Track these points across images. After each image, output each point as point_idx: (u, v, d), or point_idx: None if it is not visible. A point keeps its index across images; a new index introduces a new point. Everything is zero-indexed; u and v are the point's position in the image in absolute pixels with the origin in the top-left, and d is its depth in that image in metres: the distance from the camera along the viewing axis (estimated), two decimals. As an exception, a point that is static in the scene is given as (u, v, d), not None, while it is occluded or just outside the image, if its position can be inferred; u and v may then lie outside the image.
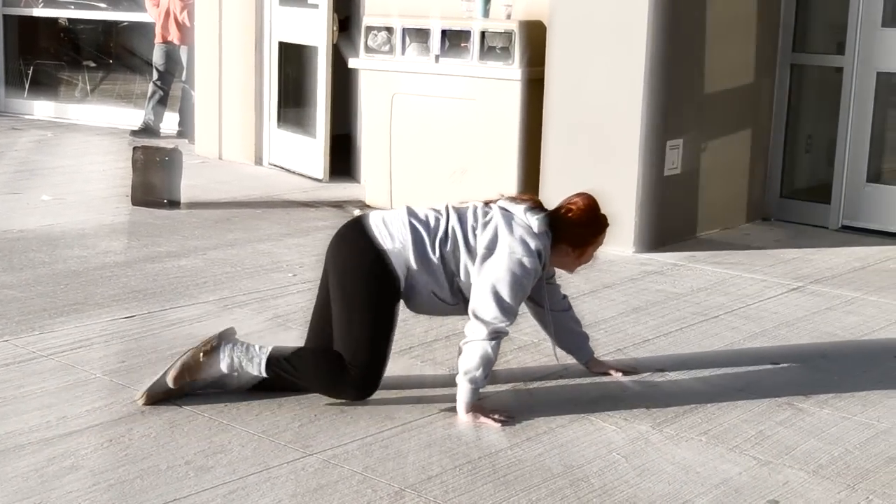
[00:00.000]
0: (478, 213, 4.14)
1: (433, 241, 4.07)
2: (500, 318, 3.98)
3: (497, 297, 3.98)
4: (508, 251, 4.02)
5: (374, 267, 4.05)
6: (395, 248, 4.05)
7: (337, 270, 4.14)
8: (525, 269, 4.02)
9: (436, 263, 4.07)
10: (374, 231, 4.08)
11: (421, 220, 4.12)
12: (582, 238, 4.21)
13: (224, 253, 6.38)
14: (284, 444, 3.77)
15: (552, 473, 3.60)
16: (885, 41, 7.19)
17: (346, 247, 4.15)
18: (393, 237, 4.06)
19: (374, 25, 7.59)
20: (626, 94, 6.53)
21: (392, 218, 4.14)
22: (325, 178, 8.66)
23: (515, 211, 4.13)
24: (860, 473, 3.65)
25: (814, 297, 5.75)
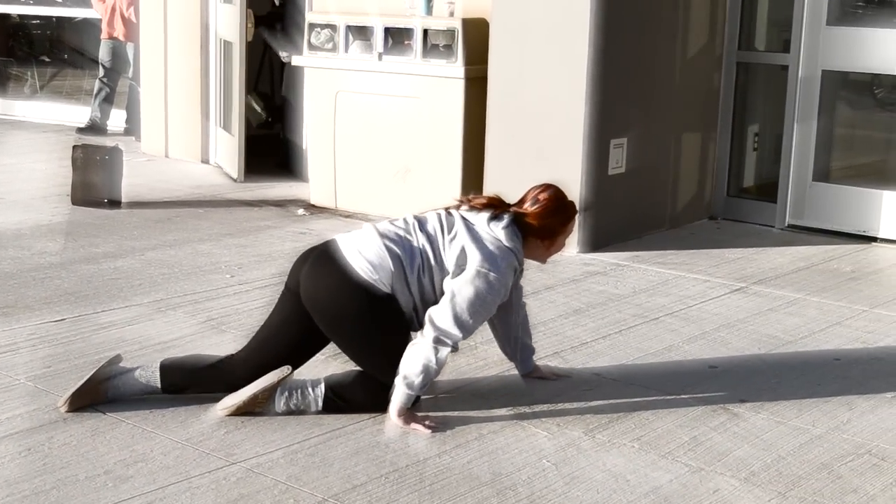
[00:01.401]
0: (444, 228, 4.05)
1: (411, 264, 3.99)
2: (453, 330, 3.92)
3: (456, 310, 3.92)
4: (476, 268, 3.94)
5: (364, 300, 3.95)
6: (379, 278, 3.95)
7: (325, 311, 4.02)
8: (492, 286, 3.95)
9: (415, 288, 4.00)
10: (352, 265, 3.97)
11: (395, 241, 4.01)
12: (551, 229, 4.15)
13: (162, 254, 6.28)
14: (208, 453, 3.68)
15: (480, 482, 3.53)
16: (830, 39, 7.17)
17: (327, 285, 4.01)
18: (374, 267, 3.96)
19: (316, 23, 7.51)
20: (568, 92, 6.47)
21: (366, 245, 4.01)
22: (239, 177, 8.46)
23: (478, 222, 4.05)
24: (792, 480, 3.61)
25: (756, 298, 5.72)
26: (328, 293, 4.01)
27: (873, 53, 7.06)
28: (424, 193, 7.11)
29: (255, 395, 3.94)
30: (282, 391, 3.97)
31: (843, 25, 7.21)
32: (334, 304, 4.01)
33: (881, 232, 7.01)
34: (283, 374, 3.97)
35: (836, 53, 7.17)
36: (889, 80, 7.44)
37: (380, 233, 4.05)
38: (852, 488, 3.56)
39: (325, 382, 4.03)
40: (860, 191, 7.18)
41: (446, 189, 7.00)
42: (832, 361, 4.80)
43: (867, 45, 7.08)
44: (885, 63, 7.04)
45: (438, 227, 4.06)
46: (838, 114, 7.70)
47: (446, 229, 4.05)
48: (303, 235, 6.83)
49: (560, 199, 4.17)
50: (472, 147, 6.95)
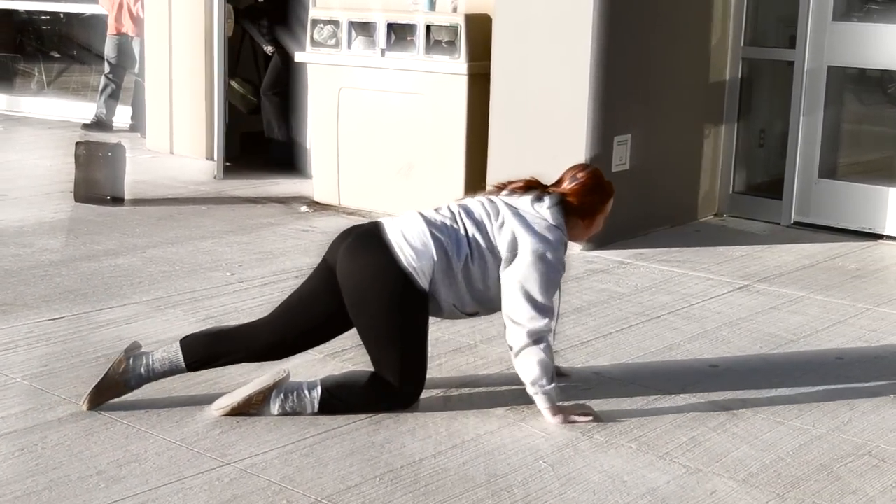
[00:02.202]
0: (489, 215, 4.03)
1: (458, 253, 3.96)
2: (536, 317, 3.91)
3: (529, 298, 3.92)
4: (531, 249, 3.94)
5: (399, 286, 3.93)
6: (420, 266, 3.92)
7: (355, 288, 3.98)
8: (551, 263, 3.96)
9: (459, 278, 3.98)
10: (395, 248, 3.94)
11: (441, 230, 3.99)
12: (591, 208, 4.16)
13: (163, 251, 6.26)
14: (202, 453, 3.66)
15: (475, 483, 3.50)
16: (835, 35, 7.13)
17: (365, 264, 3.98)
18: (417, 254, 3.93)
19: (319, 19, 7.48)
20: (571, 89, 6.43)
21: (411, 230, 3.98)
22: (218, 174, 8.42)
23: (522, 205, 4.04)
24: (790, 482, 3.57)
25: (759, 296, 5.68)
26: (364, 272, 3.97)
27: (879, 49, 7.01)
28: (428, 190, 7.09)
29: (250, 397, 3.92)
30: (277, 393, 3.94)
31: (848, 21, 7.17)
32: (367, 285, 3.96)
33: (887, 229, 6.96)
34: (279, 376, 3.94)
35: (842, 49, 7.13)
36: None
37: (426, 219, 4.02)
38: (851, 490, 3.53)
39: (321, 384, 4.00)
40: (866, 187, 7.14)
41: (450, 185, 6.98)
42: (834, 360, 4.76)
43: (873, 40, 7.04)
44: (891, 59, 7.00)
45: (484, 213, 4.04)
46: (844, 110, 7.66)
47: (493, 216, 4.03)
48: (305, 233, 6.81)
49: (598, 177, 4.19)
50: (475, 143, 6.92)
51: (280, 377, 3.94)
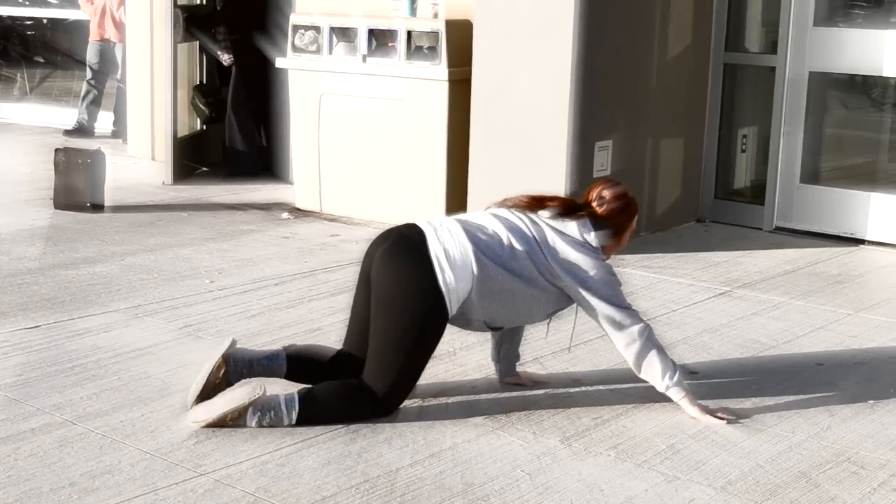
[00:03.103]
0: (538, 241, 4.04)
1: (501, 274, 3.96)
2: (634, 316, 4.05)
3: (618, 307, 4.04)
4: (596, 272, 4.04)
5: (429, 304, 3.93)
6: (456, 288, 3.91)
7: (386, 293, 3.97)
8: (608, 268, 4.09)
9: (499, 298, 3.99)
10: (434, 266, 3.91)
11: (486, 249, 3.97)
12: (621, 226, 4.21)
13: (142, 258, 6.22)
14: (176, 464, 3.62)
15: (451, 493, 3.48)
16: (816, 40, 7.13)
17: (401, 272, 3.96)
18: (456, 275, 3.91)
19: (300, 24, 7.45)
20: (552, 94, 6.41)
21: (454, 248, 3.95)
22: (168, 180, 8.38)
23: (570, 230, 4.08)
24: (769, 489, 3.55)
25: (741, 301, 5.66)
26: (398, 279, 3.96)
27: (860, 54, 7.01)
28: (410, 196, 7.07)
29: (225, 415, 3.87)
30: (254, 411, 3.88)
31: (829, 26, 7.17)
32: (398, 292, 3.95)
33: (868, 234, 6.97)
34: (255, 394, 3.87)
35: (823, 54, 7.13)
36: (878, 81, 7.38)
37: (471, 236, 3.98)
38: (830, 497, 3.51)
39: (298, 397, 3.94)
40: (847, 193, 7.14)
41: (431, 191, 6.97)
42: (815, 366, 4.74)
43: (854, 46, 7.04)
44: (871, 64, 6.99)
45: (532, 236, 4.04)
46: (826, 115, 7.66)
47: (540, 242, 4.04)
48: (286, 240, 6.78)
49: (626, 195, 4.24)
50: (457, 149, 6.89)
51: (256, 396, 3.87)
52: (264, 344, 4.80)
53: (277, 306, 5.39)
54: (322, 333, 4.97)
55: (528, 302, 4.06)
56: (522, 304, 4.05)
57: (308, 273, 6.02)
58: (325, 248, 6.59)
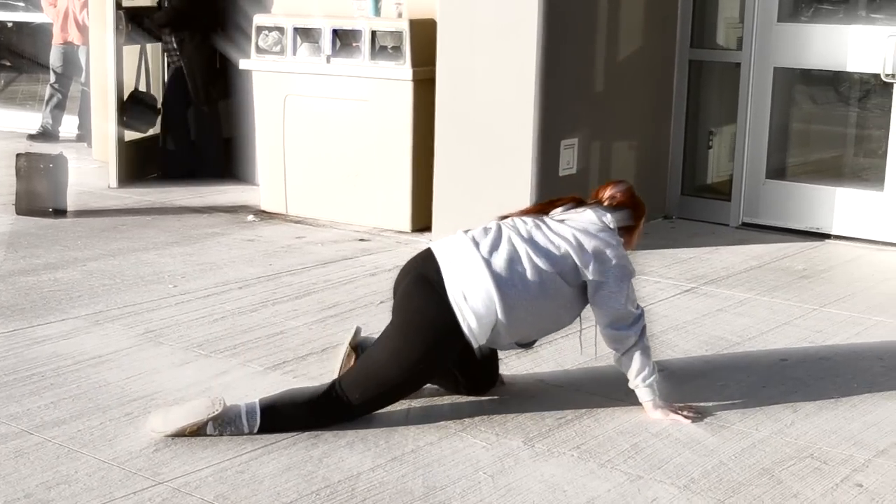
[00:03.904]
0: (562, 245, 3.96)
1: (525, 302, 3.89)
2: (634, 314, 4.00)
3: (624, 299, 3.98)
4: (612, 258, 3.96)
5: (442, 343, 3.90)
6: (480, 325, 3.86)
7: (402, 318, 3.95)
8: (625, 259, 4.00)
9: (528, 321, 3.96)
10: (455, 310, 3.85)
11: (507, 279, 3.87)
12: (630, 225, 4.17)
13: (105, 264, 6.16)
14: (134, 472, 3.58)
15: (412, 496, 3.44)
16: (781, 36, 7.13)
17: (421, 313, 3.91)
18: (478, 316, 3.85)
19: (264, 25, 7.40)
20: (517, 93, 6.39)
21: (473, 289, 3.85)
22: (113, 183, 8.32)
23: (585, 217, 4.04)
24: (732, 487, 3.54)
25: (706, 298, 5.65)
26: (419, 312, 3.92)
27: (823, 50, 7.02)
28: (375, 196, 7.04)
29: (184, 428, 3.81)
30: (214, 425, 3.81)
31: (793, 22, 7.17)
32: (420, 321, 3.91)
33: (834, 229, 6.98)
34: (214, 411, 3.80)
35: (788, 50, 7.13)
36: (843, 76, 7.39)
37: (491, 271, 3.87)
38: (793, 493, 3.49)
39: (260, 407, 3.88)
40: (813, 188, 7.15)
41: (397, 192, 6.94)
42: (779, 362, 4.73)
43: (818, 41, 7.04)
44: (835, 59, 7.00)
45: (550, 242, 3.97)
46: (791, 111, 7.67)
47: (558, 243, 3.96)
48: (250, 242, 6.73)
49: (635, 194, 4.23)
50: (422, 149, 6.86)
51: (215, 412, 3.80)
52: (227, 348, 4.77)
53: (241, 310, 5.35)
54: (285, 337, 4.93)
55: (557, 313, 4.03)
56: (550, 318, 4.04)
57: (272, 276, 5.98)
58: (291, 251, 6.55)
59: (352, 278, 5.96)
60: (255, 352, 4.74)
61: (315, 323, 5.16)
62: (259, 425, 3.84)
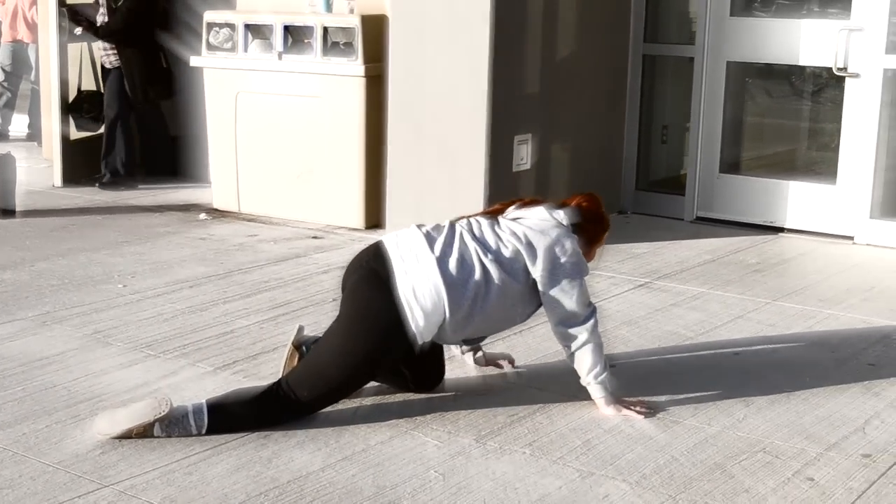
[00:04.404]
0: (511, 242, 3.94)
1: (474, 302, 3.87)
2: (586, 313, 3.97)
3: (577, 301, 3.95)
4: (562, 255, 3.94)
5: (389, 341, 3.87)
6: (428, 323, 3.83)
7: (351, 317, 3.91)
8: (577, 256, 3.97)
9: (474, 323, 3.93)
10: (404, 307, 3.81)
11: (457, 278, 3.85)
12: (594, 235, 4.15)
13: (54, 264, 6.08)
14: (80, 476, 3.52)
15: (362, 496, 3.41)
16: (733, 30, 7.14)
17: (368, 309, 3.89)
18: (426, 314, 3.82)
19: (215, 22, 7.33)
20: (469, 89, 6.36)
21: (422, 286, 3.82)
22: (57, 182, 8.23)
23: (535, 214, 4.02)
24: (683, 483, 3.52)
25: (660, 293, 5.65)
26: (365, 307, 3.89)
27: (774, 44, 7.04)
28: (328, 194, 6.99)
29: (130, 430, 3.75)
30: (161, 427, 3.76)
31: (746, 16, 7.19)
32: (364, 316, 3.88)
33: (787, 222, 7.00)
34: (160, 412, 3.74)
35: (741, 44, 7.15)
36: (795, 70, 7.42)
37: (441, 268, 3.85)
38: (744, 488, 3.48)
39: (207, 407, 3.82)
40: (766, 181, 7.17)
41: (349, 188, 6.89)
42: (732, 356, 4.73)
43: (770, 35, 7.07)
44: (788, 53, 7.02)
45: (502, 241, 3.96)
46: (744, 105, 7.69)
47: (511, 240, 3.95)
48: (202, 241, 6.67)
49: (601, 206, 4.21)
50: (374, 145, 6.83)
51: (161, 413, 3.74)
52: (176, 348, 4.71)
53: (191, 309, 5.29)
54: (235, 336, 4.88)
55: (507, 312, 4.00)
56: (500, 317, 4.01)
57: (224, 274, 5.92)
58: (243, 249, 6.49)
59: (304, 276, 5.91)
60: (204, 352, 4.69)
61: (266, 321, 5.12)
62: (207, 426, 3.79)
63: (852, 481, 3.53)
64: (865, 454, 3.74)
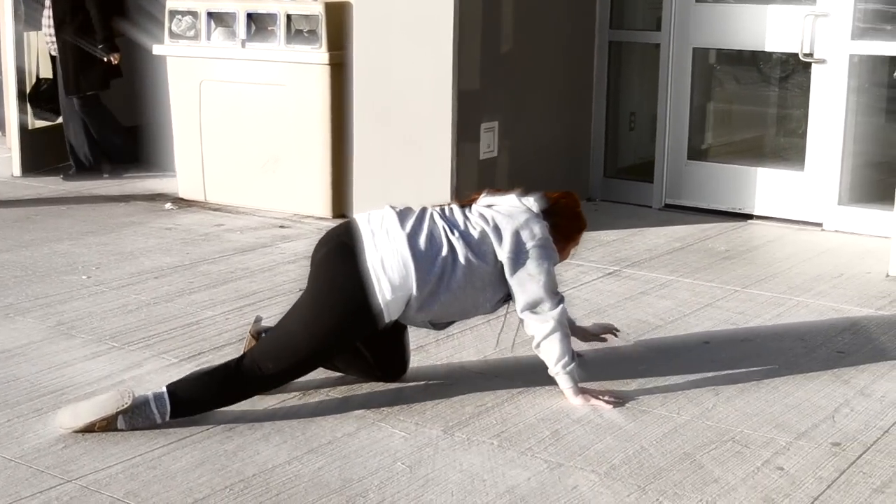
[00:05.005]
0: (479, 224, 3.94)
1: (441, 278, 3.85)
2: (553, 301, 3.93)
3: (545, 287, 3.92)
4: (533, 243, 3.92)
5: (359, 314, 3.83)
6: (395, 297, 3.81)
7: (319, 290, 3.89)
8: (545, 241, 3.94)
9: (441, 300, 3.88)
10: (371, 277, 3.79)
11: (425, 253, 3.84)
12: (568, 232, 4.12)
13: (16, 255, 6.00)
14: (42, 470, 3.46)
15: (329, 489, 3.37)
16: (699, 16, 7.13)
17: (335, 280, 3.86)
18: (393, 286, 3.80)
19: (177, 9, 7.25)
20: (434, 77, 6.31)
21: (391, 257, 3.81)
22: (16, 172, 8.16)
23: (506, 201, 4.01)
24: (652, 473, 3.50)
25: (629, 281, 5.63)
26: (332, 281, 3.88)
27: (742, 30, 7.03)
28: (294, 183, 6.94)
29: (93, 424, 3.70)
30: (124, 418, 3.71)
31: (712, 2, 7.16)
32: (328, 288, 3.87)
33: (756, 209, 7.00)
34: (122, 404, 3.70)
35: (706, 30, 7.13)
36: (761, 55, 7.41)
37: (410, 243, 3.85)
38: (713, 478, 3.46)
39: (167, 392, 3.79)
40: (735, 168, 7.16)
41: (315, 177, 6.84)
42: (701, 345, 4.72)
43: (735, 21, 7.05)
44: (752, 39, 7.01)
45: (472, 223, 3.95)
46: (711, 91, 7.68)
47: (480, 222, 3.95)
48: (168, 231, 6.60)
49: (578, 205, 4.18)
50: (340, 134, 6.77)
51: (124, 405, 3.70)
52: (141, 339, 4.65)
53: (156, 300, 5.23)
54: (201, 327, 4.83)
55: (474, 295, 3.95)
56: (467, 300, 3.96)
57: (189, 265, 5.86)
58: (209, 239, 6.43)
59: (270, 266, 5.85)
60: (169, 343, 4.63)
61: (232, 312, 5.06)
62: (170, 411, 3.75)
63: (822, 470, 3.52)
64: (835, 443, 3.73)
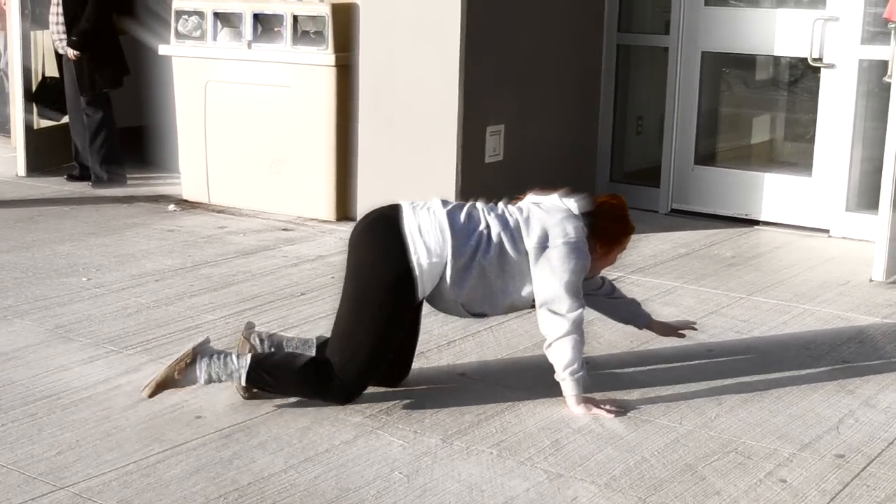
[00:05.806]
0: (515, 211, 3.97)
1: (475, 252, 3.86)
2: (574, 305, 3.88)
3: (568, 287, 3.87)
4: (563, 241, 3.88)
5: (399, 280, 3.84)
6: (430, 263, 3.82)
7: (357, 265, 3.92)
8: (581, 252, 3.90)
9: (473, 277, 3.87)
10: (408, 240, 3.83)
11: (463, 226, 3.88)
12: (613, 235, 4.10)
13: (17, 256, 5.97)
14: (34, 477, 3.42)
15: (324, 499, 3.32)
16: (708, 20, 7.07)
17: (374, 247, 3.91)
18: (429, 251, 3.82)
19: (183, 10, 7.22)
20: (440, 79, 6.26)
21: (429, 224, 3.86)
22: (21, 172, 8.13)
23: (548, 199, 4.01)
24: (653, 484, 3.45)
25: (633, 287, 5.57)
26: (371, 250, 3.91)
27: (750, 34, 6.97)
28: (299, 184, 6.90)
29: (171, 371, 3.85)
30: (201, 357, 3.84)
31: (721, 6, 7.11)
32: (367, 260, 3.90)
33: (762, 215, 6.94)
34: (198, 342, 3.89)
35: (715, 34, 7.07)
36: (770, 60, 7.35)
37: (448, 214, 3.90)
38: (715, 490, 3.41)
39: (251, 356, 3.89)
40: (741, 174, 7.11)
41: (320, 179, 6.81)
42: (705, 353, 4.66)
43: (744, 25, 7.00)
44: (763, 44, 6.96)
45: (509, 211, 3.98)
46: (719, 96, 7.62)
47: (518, 212, 3.97)
48: (171, 233, 6.56)
49: (625, 209, 4.16)
50: (346, 135, 6.73)
51: (199, 342, 3.89)
52: (139, 343, 4.61)
53: (156, 303, 5.19)
54: (200, 331, 4.77)
55: (504, 281, 3.93)
56: (498, 286, 3.93)
57: (191, 267, 5.82)
58: (211, 241, 6.39)
59: (273, 269, 5.81)
60: (168, 347, 4.59)
61: (232, 316, 5.02)
62: (249, 367, 3.86)
63: (825, 483, 3.47)
64: (839, 454, 3.68)
